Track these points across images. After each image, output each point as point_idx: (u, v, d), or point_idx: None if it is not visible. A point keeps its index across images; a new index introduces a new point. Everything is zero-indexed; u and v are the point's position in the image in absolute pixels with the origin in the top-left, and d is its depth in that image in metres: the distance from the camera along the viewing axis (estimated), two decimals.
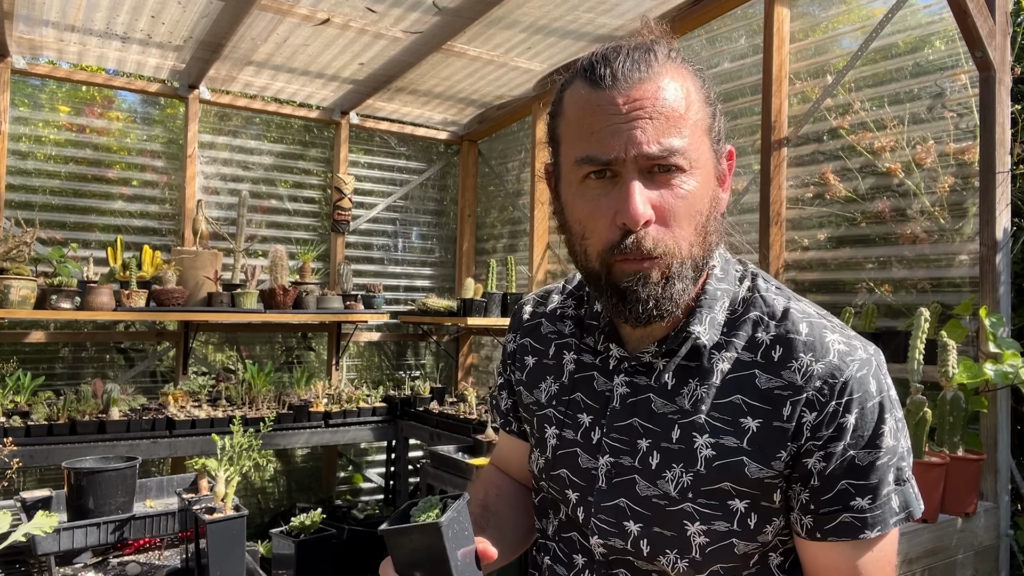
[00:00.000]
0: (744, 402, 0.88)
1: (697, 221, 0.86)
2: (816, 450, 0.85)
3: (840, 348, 0.87)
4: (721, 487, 0.88)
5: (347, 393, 4.50)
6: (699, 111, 0.87)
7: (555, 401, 1.03)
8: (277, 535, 3.29)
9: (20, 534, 1.62)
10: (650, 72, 0.84)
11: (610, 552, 0.95)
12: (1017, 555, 2.50)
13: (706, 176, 0.87)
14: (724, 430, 0.88)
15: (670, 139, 0.83)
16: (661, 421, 0.92)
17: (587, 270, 0.91)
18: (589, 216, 0.87)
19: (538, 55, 4.21)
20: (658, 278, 0.86)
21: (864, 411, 0.85)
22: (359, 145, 5.39)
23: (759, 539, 0.89)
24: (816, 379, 0.86)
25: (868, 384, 0.86)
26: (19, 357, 4.23)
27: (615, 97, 0.84)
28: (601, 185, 0.86)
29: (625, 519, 0.93)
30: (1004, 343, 2.38)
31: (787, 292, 0.96)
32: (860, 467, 0.85)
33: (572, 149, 0.88)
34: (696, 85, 0.89)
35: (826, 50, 3.30)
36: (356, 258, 5.33)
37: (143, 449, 3.62)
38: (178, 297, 4.01)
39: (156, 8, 3.59)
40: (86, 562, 2.49)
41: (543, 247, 4.79)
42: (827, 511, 0.86)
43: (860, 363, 0.87)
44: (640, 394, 0.94)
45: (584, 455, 0.98)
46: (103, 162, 4.50)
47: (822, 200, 3.19)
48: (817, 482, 0.86)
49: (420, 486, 3.60)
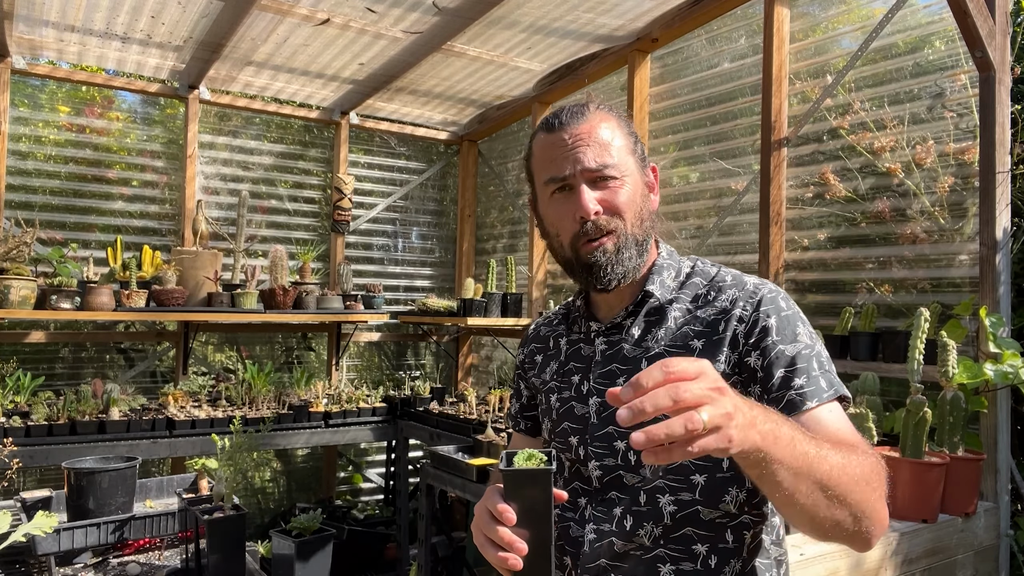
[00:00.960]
0: (691, 330, 1.20)
1: (632, 211, 1.22)
2: (753, 349, 1.14)
3: (754, 281, 1.22)
4: None
5: (347, 393, 4.50)
6: (623, 139, 1.24)
7: (556, 376, 1.36)
8: (277, 535, 3.29)
9: (20, 534, 1.62)
10: (584, 117, 1.23)
11: (604, 473, 1.21)
12: (1017, 555, 2.50)
13: (634, 182, 1.23)
14: (678, 353, 1.18)
15: (603, 158, 1.20)
16: (632, 361, 1.23)
17: (563, 258, 1.26)
18: (558, 218, 1.23)
19: (538, 55, 4.21)
20: (612, 247, 1.20)
21: (781, 317, 1.15)
22: (359, 145, 5.39)
23: None
24: (740, 301, 1.19)
25: (779, 301, 1.18)
26: (19, 357, 4.23)
27: (563, 136, 1.22)
28: (564, 196, 1.22)
29: (614, 440, 1.21)
30: (1004, 343, 2.38)
31: (720, 265, 1.30)
32: (790, 357, 1.12)
33: (541, 175, 1.25)
34: (619, 123, 1.26)
35: (826, 50, 3.30)
36: (356, 258, 5.33)
37: (143, 449, 3.62)
38: (178, 297, 4.01)
39: (156, 8, 3.59)
40: (86, 562, 2.49)
41: (543, 247, 4.78)
42: (776, 395, 1.11)
43: (769, 289, 1.20)
44: (615, 347, 1.26)
45: (577, 405, 1.28)
46: (103, 162, 4.50)
47: (822, 200, 3.19)
48: (762, 374, 1.13)
49: (420, 486, 3.60)
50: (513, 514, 1.02)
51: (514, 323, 4.63)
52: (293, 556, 3.24)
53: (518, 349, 1.52)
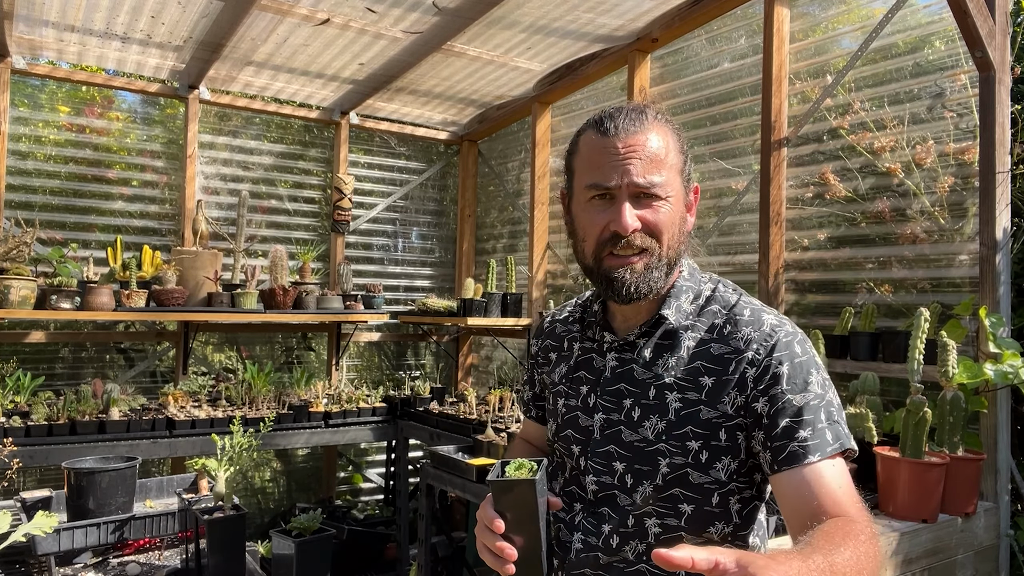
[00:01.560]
0: (703, 365, 1.18)
1: (670, 232, 1.19)
2: (760, 395, 1.12)
3: (772, 322, 1.18)
4: (685, 431, 1.16)
5: (347, 393, 4.50)
6: (675, 157, 1.21)
7: (565, 380, 1.35)
8: (277, 535, 3.29)
9: (20, 534, 1.62)
10: (642, 127, 1.18)
11: (600, 489, 1.23)
12: (1017, 555, 2.50)
13: (677, 203, 1.21)
14: (688, 387, 1.18)
15: (652, 175, 1.17)
16: (641, 385, 1.22)
17: (584, 265, 1.25)
18: (590, 225, 1.21)
19: (538, 55, 4.21)
20: (640, 267, 1.19)
21: (793, 364, 1.13)
22: (359, 145, 5.39)
23: (711, 473, 1.15)
24: (754, 343, 1.16)
25: (794, 347, 1.15)
26: (19, 357, 4.23)
27: (616, 143, 1.18)
28: (602, 203, 1.19)
29: (613, 460, 1.22)
30: (1004, 343, 2.38)
31: (741, 292, 1.28)
32: (797, 407, 1.10)
33: (583, 177, 1.22)
34: (674, 139, 1.22)
35: (826, 50, 3.30)
36: (356, 258, 5.33)
37: (143, 449, 3.62)
38: (178, 297, 4.01)
39: (156, 8, 3.59)
40: (86, 562, 2.49)
41: (543, 247, 4.79)
42: (778, 444, 1.09)
43: (786, 333, 1.17)
44: (626, 366, 1.25)
45: (583, 416, 1.28)
46: (103, 162, 4.50)
47: (822, 200, 3.19)
48: (767, 421, 1.11)
49: (420, 486, 3.59)
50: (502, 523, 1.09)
51: (514, 323, 4.63)
52: (293, 556, 3.24)
53: (534, 338, 1.53)
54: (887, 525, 2.18)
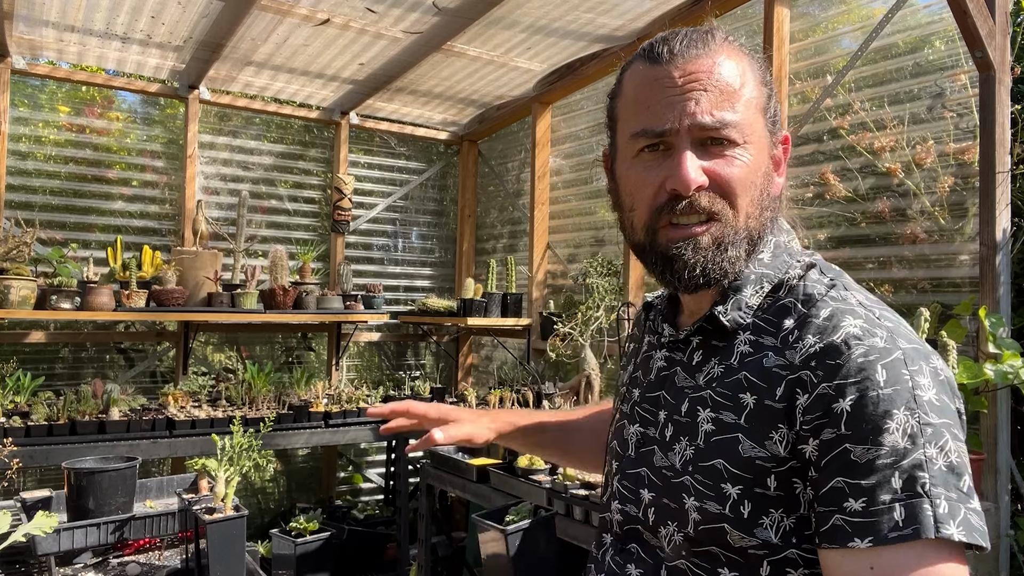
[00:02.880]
0: (746, 379, 0.86)
1: (752, 193, 0.88)
2: (809, 436, 0.79)
3: (852, 331, 0.80)
4: (715, 464, 0.86)
5: (347, 393, 4.50)
6: (754, 90, 0.89)
7: (627, 380, 1.08)
8: (277, 535, 3.29)
9: (20, 534, 1.62)
10: (707, 49, 0.87)
11: (625, 520, 0.97)
12: (1017, 555, 2.50)
13: (760, 152, 0.89)
14: (724, 405, 0.87)
15: (723, 112, 0.85)
16: (677, 394, 0.94)
17: (633, 242, 0.93)
18: (639, 187, 0.89)
19: (538, 55, 4.21)
20: (709, 243, 0.87)
21: (865, 400, 0.76)
22: (359, 145, 5.39)
23: (757, 534, 0.83)
24: (812, 359, 0.81)
25: (874, 372, 0.76)
26: (19, 357, 4.23)
27: (671, 71, 0.86)
28: (654, 157, 0.88)
29: (642, 487, 0.95)
30: (1004, 343, 2.38)
31: (836, 283, 0.89)
32: (856, 463, 0.75)
33: (628, 124, 0.90)
34: (752, 66, 0.91)
35: (826, 50, 3.30)
36: (356, 258, 5.33)
37: (143, 449, 3.62)
38: (178, 297, 4.01)
39: (156, 8, 3.59)
40: (86, 562, 2.49)
41: (543, 247, 4.79)
42: (823, 511, 0.77)
43: (870, 349, 0.78)
44: (671, 368, 0.97)
45: (627, 425, 1.02)
46: (103, 162, 4.50)
47: (822, 200, 3.19)
48: (815, 474, 0.79)
49: (420, 486, 3.59)
50: None
51: (514, 323, 4.63)
52: (293, 556, 3.25)
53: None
54: None
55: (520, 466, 2.91)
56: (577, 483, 2.67)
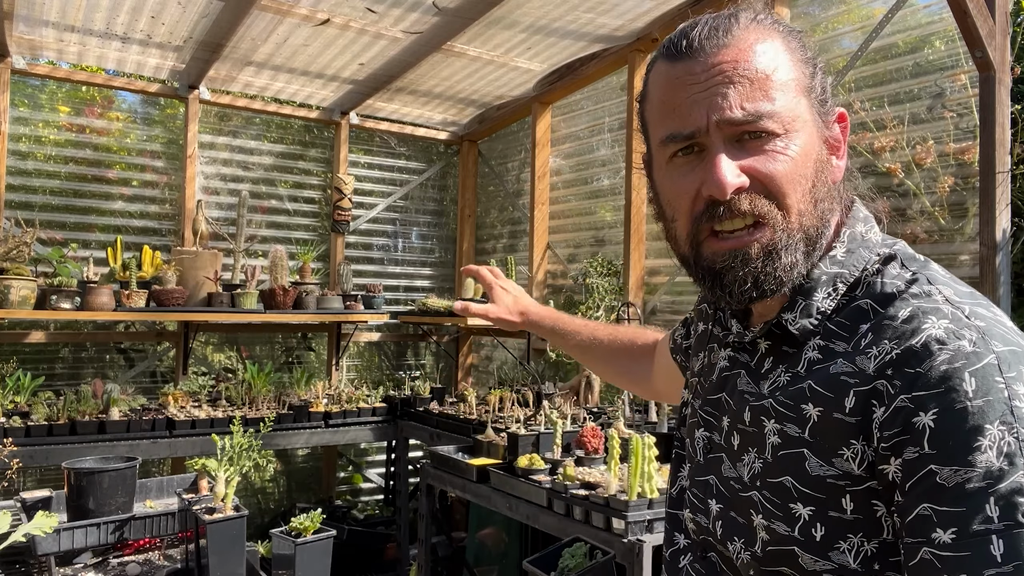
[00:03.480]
0: (810, 388, 0.77)
1: (802, 187, 0.78)
2: (890, 455, 0.69)
3: (934, 334, 0.70)
4: (783, 482, 0.78)
5: (347, 393, 4.50)
6: (793, 70, 0.80)
7: (696, 375, 1.01)
8: (277, 535, 3.29)
9: (20, 534, 1.62)
10: (730, 37, 0.78)
11: (698, 530, 0.91)
12: None
13: (807, 139, 0.79)
14: (787, 416, 0.78)
15: (756, 103, 0.76)
16: (739, 400, 0.86)
17: (680, 256, 0.85)
18: (676, 196, 0.81)
19: (538, 55, 4.21)
20: (759, 251, 0.78)
21: (953, 413, 0.66)
22: (359, 145, 5.39)
23: (833, 558, 0.74)
24: (888, 367, 0.71)
25: (961, 381, 0.66)
26: (19, 357, 4.23)
27: (693, 67, 0.79)
28: (687, 162, 0.80)
29: (710, 497, 0.89)
30: None
31: (921, 275, 0.78)
32: (943, 487, 0.65)
33: (658, 129, 0.83)
34: (788, 44, 0.81)
35: (826, 50, 3.30)
36: (356, 258, 5.34)
37: (143, 449, 3.62)
38: (178, 297, 4.01)
39: (156, 8, 3.59)
40: (86, 562, 2.49)
41: (543, 247, 4.79)
42: (910, 542, 0.68)
43: (955, 355, 0.68)
44: (734, 369, 0.89)
45: (695, 428, 0.95)
46: (103, 162, 4.50)
47: None
48: (900, 498, 0.69)
49: (420, 486, 3.59)
50: None
51: None
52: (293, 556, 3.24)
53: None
54: None
55: (520, 466, 2.91)
56: (577, 483, 2.67)
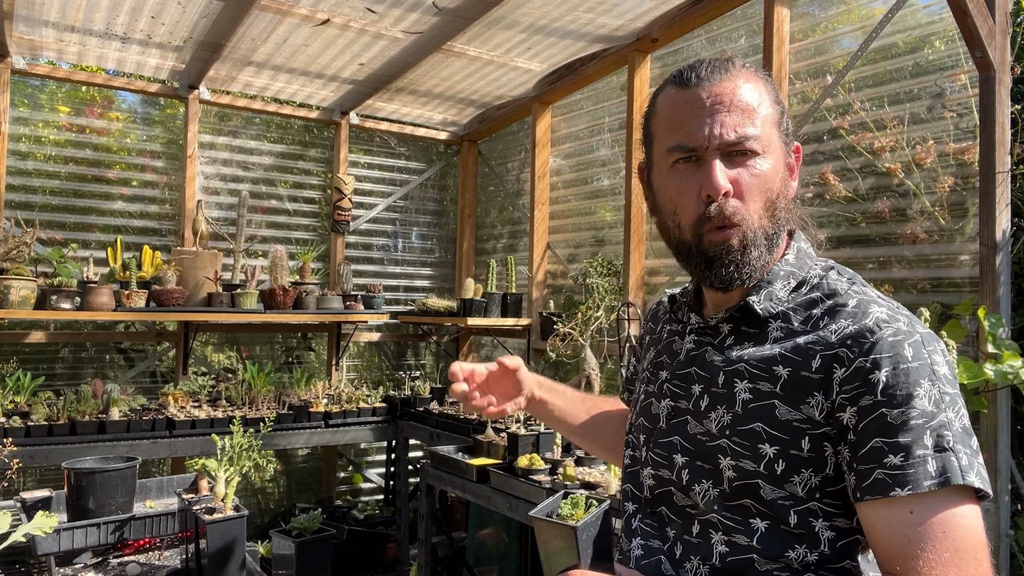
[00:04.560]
0: (780, 355, 1.00)
1: (767, 197, 1.02)
2: (848, 404, 0.93)
3: (879, 316, 0.96)
4: (753, 428, 0.99)
5: (347, 393, 4.50)
6: (769, 107, 1.05)
7: (649, 366, 1.23)
8: (277, 535, 3.29)
9: (20, 534, 1.62)
10: (728, 74, 1.04)
11: (656, 484, 1.10)
12: (1017, 555, 2.50)
13: (776, 161, 1.04)
14: (760, 377, 1.01)
15: (745, 128, 1.00)
16: (711, 369, 1.06)
17: (679, 241, 1.06)
18: (679, 194, 1.03)
19: (538, 55, 4.21)
20: (737, 245, 1.01)
21: (897, 371, 0.91)
22: (359, 145, 5.39)
23: (787, 488, 0.96)
24: (848, 338, 0.95)
25: (903, 350, 0.92)
26: (19, 357, 4.23)
27: (700, 94, 1.02)
28: (688, 168, 1.02)
29: (675, 452, 1.08)
30: (1004, 343, 2.38)
31: (856, 280, 1.05)
32: (892, 425, 0.89)
33: (664, 141, 1.05)
34: (767, 87, 1.07)
35: (826, 50, 3.30)
36: (356, 258, 5.34)
37: (143, 449, 3.62)
38: (178, 297, 4.01)
39: (156, 8, 3.59)
40: (86, 562, 2.49)
41: (543, 247, 4.79)
42: (863, 469, 0.90)
43: (897, 331, 0.94)
44: (701, 348, 1.10)
45: (654, 402, 1.15)
46: (103, 162, 4.50)
47: (822, 200, 3.19)
48: (853, 437, 0.92)
49: (420, 486, 3.59)
50: None
51: (514, 323, 4.63)
52: (293, 556, 3.24)
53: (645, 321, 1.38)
54: None
55: (520, 466, 2.91)
56: (577, 483, 2.67)
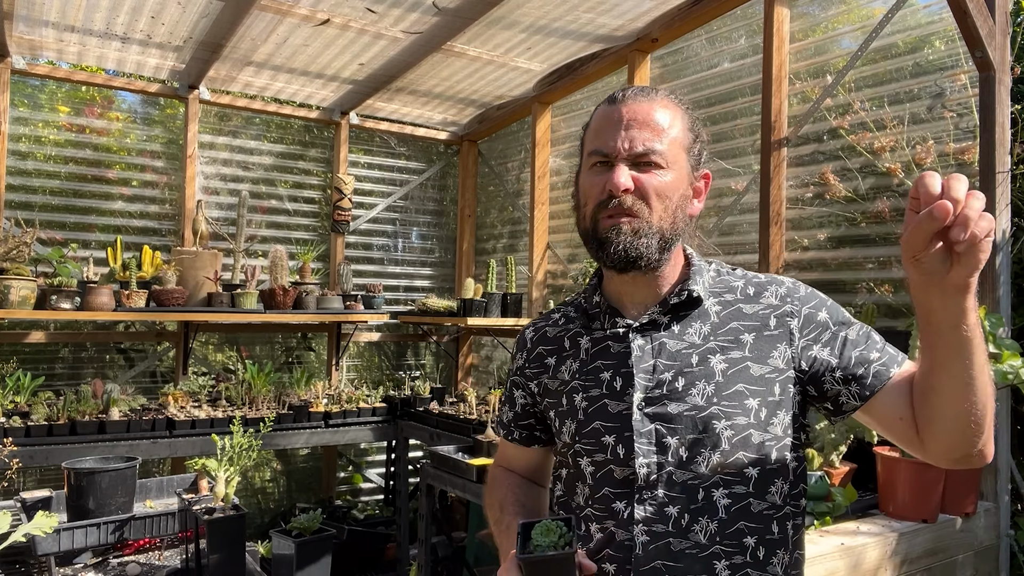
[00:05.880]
0: (740, 325, 1.22)
1: (666, 204, 1.19)
2: (814, 343, 1.19)
3: (788, 280, 1.28)
4: (736, 388, 1.17)
5: (347, 393, 4.50)
6: (680, 132, 1.22)
7: (578, 375, 1.28)
8: (277, 535, 3.29)
9: (20, 534, 1.62)
10: (648, 98, 1.22)
11: (652, 471, 1.17)
12: (1017, 555, 2.50)
13: (678, 177, 1.21)
14: (730, 347, 1.20)
15: (652, 143, 1.18)
16: (678, 356, 1.20)
17: (583, 229, 1.24)
18: (590, 188, 1.22)
19: (538, 55, 4.21)
20: (628, 231, 1.17)
21: (829, 307, 1.23)
22: (359, 145, 5.39)
23: (770, 430, 1.17)
24: (788, 297, 1.23)
25: (818, 294, 1.26)
26: (19, 357, 4.23)
27: (622, 109, 1.20)
28: (602, 170, 1.21)
29: (663, 436, 1.17)
30: (1004, 343, 2.37)
31: (738, 268, 1.34)
32: (854, 338, 1.19)
33: (588, 146, 1.25)
34: (683, 117, 1.24)
35: (826, 50, 3.30)
36: (356, 258, 5.33)
37: (143, 449, 3.62)
38: (178, 297, 4.01)
39: (156, 8, 3.59)
40: (86, 562, 2.49)
41: (543, 247, 4.79)
42: (860, 373, 1.16)
43: (804, 286, 1.27)
44: (655, 342, 1.22)
45: (612, 402, 1.22)
46: (103, 162, 4.50)
47: (822, 200, 3.19)
48: (836, 360, 1.17)
49: (420, 486, 3.59)
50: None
51: (514, 323, 4.63)
52: (293, 556, 3.24)
53: (516, 354, 1.43)
54: (887, 525, 2.18)
55: None
56: None
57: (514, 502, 1.38)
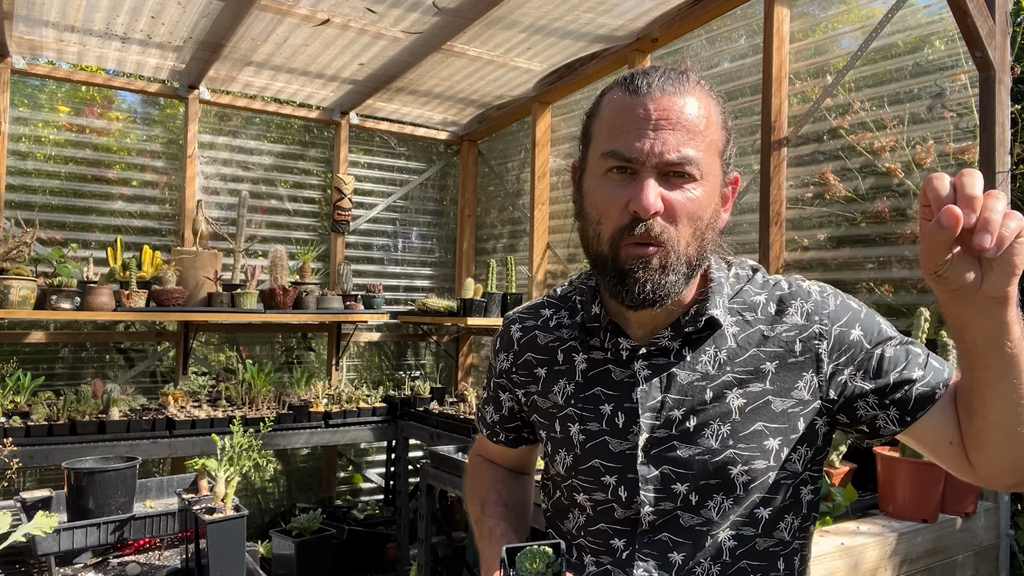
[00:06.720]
0: (761, 352, 1.04)
1: (697, 225, 0.99)
2: (845, 367, 1.02)
3: (815, 289, 1.08)
4: (755, 428, 1.02)
5: (347, 393, 4.50)
6: (716, 133, 1.00)
7: (573, 400, 1.11)
8: (277, 535, 3.30)
9: (20, 534, 1.62)
10: (680, 89, 0.98)
11: (659, 516, 1.04)
12: (1017, 555, 2.50)
13: (712, 189, 1.00)
14: (749, 379, 1.03)
15: (687, 149, 0.96)
16: (690, 390, 1.04)
17: (596, 253, 1.02)
18: (606, 203, 0.99)
19: (538, 55, 4.21)
20: (656, 265, 0.97)
21: (863, 321, 1.05)
22: (359, 145, 5.39)
23: (787, 467, 1.03)
24: (814, 315, 1.04)
25: (849, 303, 1.07)
26: (19, 357, 4.23)
27: (647, 103, 0.97)
28: (621, 179, 0.98)
29: (671, 483, 1.03)
30: None
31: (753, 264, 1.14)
32: (892, 355, 1.01)
33: (601, 144, 1.00)
34: (718, 111, 1.01)
35: (826, 50, 3.30)
36: (356, 258, 5.33)
37: (143, 449, 3.62)
38: (178, 297, 4.01)
39: (156, 8, 3.59)
40: (86, 562, 2.49)
41: (543, 247, 4.79)
42: (899, 397, 1.00)
43: (834, 295, 1.08)
44: (662, 372, 1.05)
45: (613, 440, 1.07)
46: (103, 162, 4.50)
47: (822, 200, 3.19)
48: (872, 386, 1.01)
49: (420, 486, 3.60)
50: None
51: None
52: (293, 556, 3.25)
53: (499, 351, 1.25)
54: (887, 525, 2.18)
55: None
56: None
57: (496, 501, 1.27)
